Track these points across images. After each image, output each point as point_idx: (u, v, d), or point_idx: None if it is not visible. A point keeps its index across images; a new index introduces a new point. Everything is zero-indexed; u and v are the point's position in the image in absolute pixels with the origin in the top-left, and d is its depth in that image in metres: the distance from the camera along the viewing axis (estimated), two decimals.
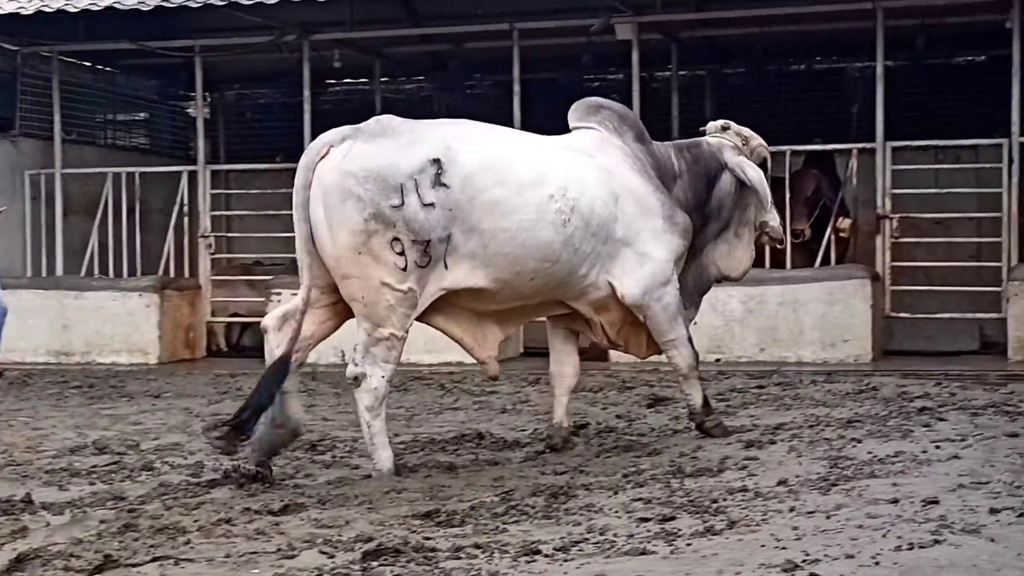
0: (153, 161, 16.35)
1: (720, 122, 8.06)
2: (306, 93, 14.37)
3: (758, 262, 9.76)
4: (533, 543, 4.75)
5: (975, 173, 13.46)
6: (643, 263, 7.29)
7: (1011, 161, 12.34)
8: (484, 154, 6.82)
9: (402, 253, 6.53)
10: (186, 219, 14.85)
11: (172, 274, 14.50)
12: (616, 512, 5.31)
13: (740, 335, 12.25)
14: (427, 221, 6.55)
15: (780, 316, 12.21)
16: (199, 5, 13.59)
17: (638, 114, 9.18)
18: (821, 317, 12.11)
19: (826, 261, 12.67)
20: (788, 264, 12.58)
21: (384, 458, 6.64)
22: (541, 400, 9.59)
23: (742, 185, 7.74)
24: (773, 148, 12.81)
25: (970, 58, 15.69)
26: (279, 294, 13.01)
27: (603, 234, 7.14)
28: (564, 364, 7.57)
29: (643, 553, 4.56)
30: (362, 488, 6.14)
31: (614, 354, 12.84)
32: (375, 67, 16.29)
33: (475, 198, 6.69)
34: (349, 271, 6.57)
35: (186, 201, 14.69)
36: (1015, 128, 12.31)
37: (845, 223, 12.91)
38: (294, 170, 6.74)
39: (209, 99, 17.29)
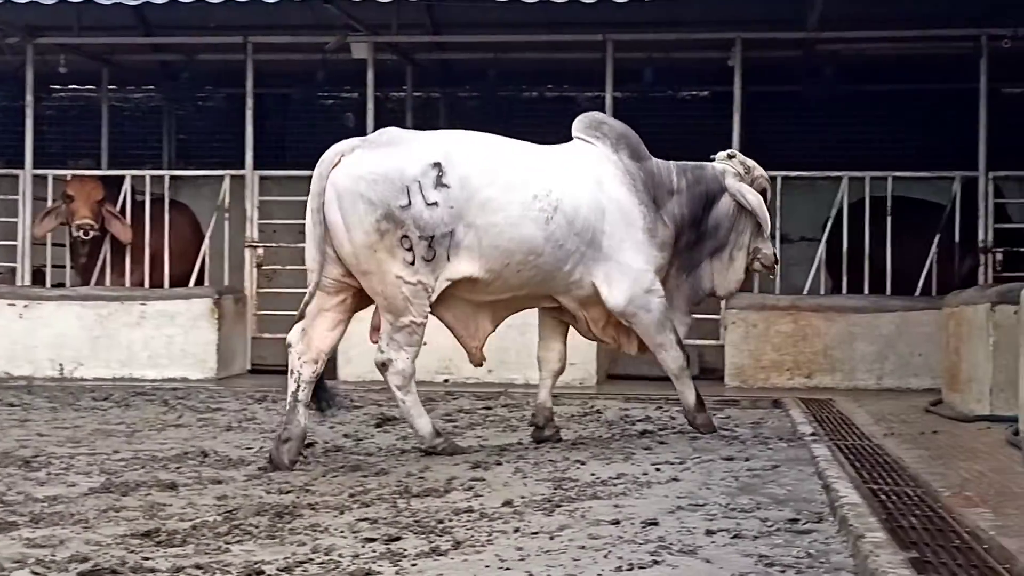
0: None
1: (727, 151, 8.77)
2: (29, 98, 13.86)
3: None
4: (256, 564, 4.67)
5: None
6: (625, 273, 7.97)
7: None
8: (479, 157, 7.65)
9: (411, 249, 7.32)
10: None
11: None
12: (342, 532, 5.26)
13: None
14: (431, 218, 7.36)
15: (509, 338, 12.28)
16: None
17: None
18: None
19: None
20: None
21: (423, 425, 7.61)
22: (267, 418, 9.46)
23: (741, 210, 8.41)
24: None
25: (694, 93, 16.21)
26: None
27: (587, 235, 7.85)
28: (550, 350, 8.47)
29: (368, 574, 4.52)
30: (78, 506, 5.92)
31: (342, 373, 12.78)
32: (103, 74, 15.84)
33: (471, 197, 7.49)
34: (368, 267, 7.35)
35: None
36: None
37: None
38: (8, 176, 6.56)
39: None
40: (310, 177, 7.51)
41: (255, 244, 13.87)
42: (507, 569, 4.57)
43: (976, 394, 9.33)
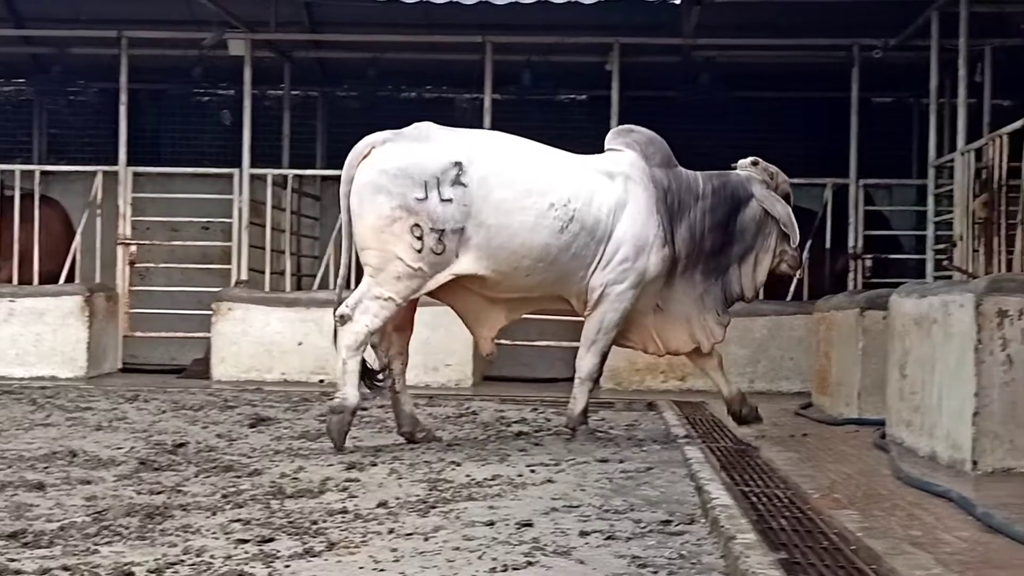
0: None
1: (750, 159, 8.88)
2: None
3: None
4: (126, 565, 4.58)
5: None
6: (618, 265, 8.17)
7: None
8: (501, 160, 7.97)
9: (420, 238, 7.71)
10: None
11: None
12: (214, 533, 5.19)
13: None
14: (444, 213, 7.73)
15: None
16: None
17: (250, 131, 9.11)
18: (424, 341, 12.22)
19: None
20: None
21: (351, 395, 7.76)
22: (139, 417, 9.32)
23: (766, 215, 8.60)
24: None
25: (572, 96, 16.31)
26: None
27: (604, 240, 8.12)
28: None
29: (240, 575, 4.47)
30: None
31: (216, 372, 12.64)
32: None
33: (487, 197, 7.81)
34: (369, 244, 7.80)
35: None
36: None
37: None
38: None
39: None
40: (184, 175, 7.44)
41: (128, 241, 13.67)
42: (381, 570, 4.54)
43: (845, 398, 9.51)
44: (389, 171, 7.78)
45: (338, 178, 8.09)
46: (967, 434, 6.49)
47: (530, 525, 5.31)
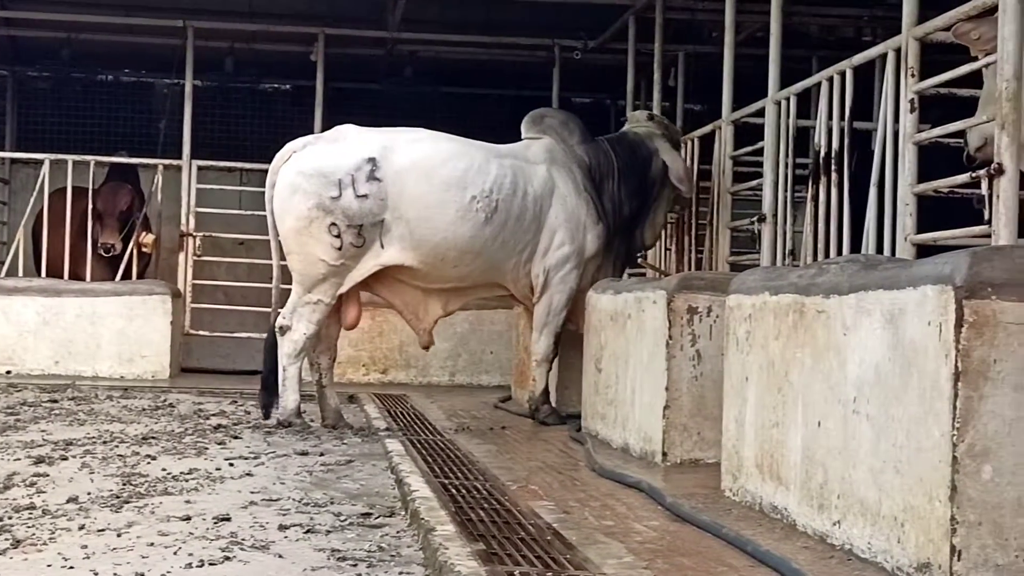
0: None
1: (645, 112, 9.44)
2: None
3: (57, 273, 9.55)
4: None
5: None
6: (557, 250, 8.53)
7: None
8: (416, 155, 8.23)
9: (339, 236, 8.02)
10: None
11: None
12: None
13: (34, 347, 11.84)
14: (361, 209, 8.04)
15: (78, 329, 11.92)
16: None
17: None
18: (120, 332, 11.94)
19: (127, 276, 12.54)
20: (88, 277, 12.35)
21: (291, 400, 8.23)
22: None
23: (664, 167, 8.99)
24: (77, 157, 12.60)
25: (276, 86, 16.10)
26: None
27: (533, 228, 8.47)
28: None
29: None
30: None
31: None
32: None
33: (403, 191, 8.10)
34: (291, 248, 8.19)
35: None
36: None
37: (148, 238, 12.84)
38: None
39: None
40: None
41: None
42: (71, 568, 4.40)
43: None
44: (305, 172, 8.10)
45: (29, 161, 7.84)
46: (658, 427, 6.69)
47: (228, 519, 5.24)
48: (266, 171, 8.51)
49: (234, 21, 13.30)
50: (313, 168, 8.12)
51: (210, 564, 4.47)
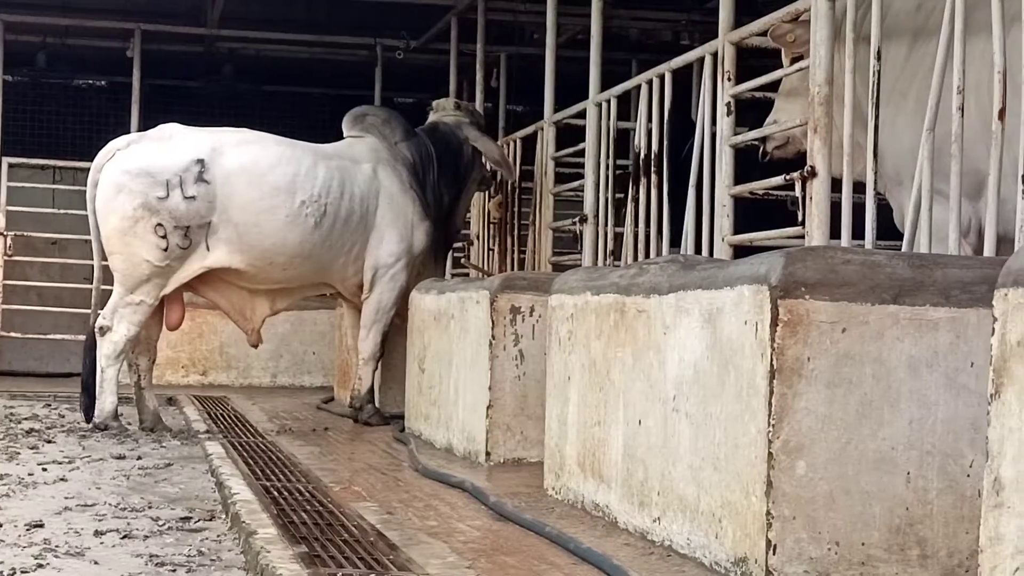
0: None
1: (451, 100, 9.52)
2: None
3: None
4: None
5: None
6: (385, 249, 8.55)
7: None
8: (245, 158, 8.15)
9: (165, 236, 7.91)
10: None
11: None
12: None
13: None
14: (188, 210, 7.95)
15: None
16: None
17: None
18: None
19: None
20: None
21: (108, 402, 8.08)
22: None
23: (475, 153, 9.13)
24: None
25: (91, 82, 15.72)
26: None
27: (361, 228, 8.47)
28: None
29: None
30: None
31: None
32: None
33: (232, 195, 8.04)
34: (114, 248, 8.04)
35: None
36: None
37: None
38: None
39: None
40: None
41: None
42: None
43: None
44: (131, 171, 7.97)
45: None
46: (481, 426, 6.72)
47: (41, 526, 5.11)
48: (81, 169, 8.40)
49: (47, 15, 12.98)
50: (139, 167, 8.01)
51: (22, 572, 4.35)
